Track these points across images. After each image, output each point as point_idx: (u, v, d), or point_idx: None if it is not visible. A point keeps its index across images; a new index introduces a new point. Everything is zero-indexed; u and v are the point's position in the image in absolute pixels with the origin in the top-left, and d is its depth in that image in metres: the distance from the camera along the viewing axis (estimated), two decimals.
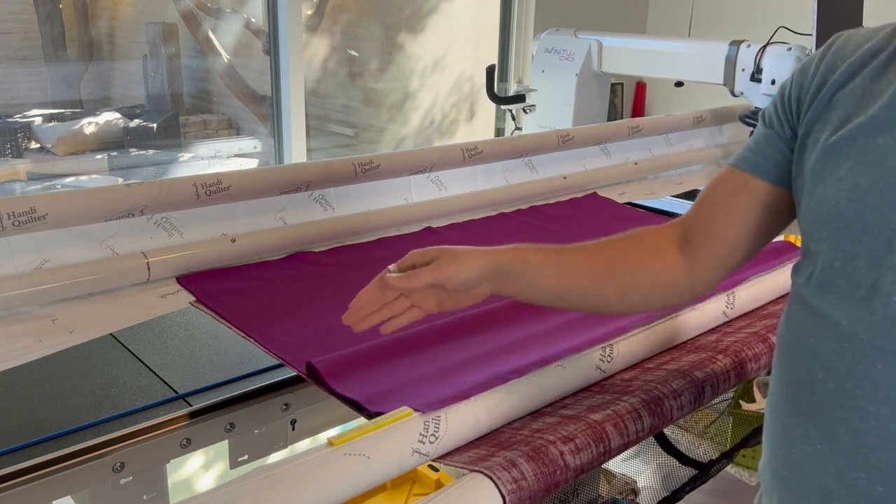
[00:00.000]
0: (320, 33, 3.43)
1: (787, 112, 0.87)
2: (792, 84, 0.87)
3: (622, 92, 3.95)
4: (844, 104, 0.80)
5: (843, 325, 0.74)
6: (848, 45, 0.84)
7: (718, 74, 2.17)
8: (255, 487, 0.73)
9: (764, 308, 1.29)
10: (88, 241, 1.15)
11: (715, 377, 1.04)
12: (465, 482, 0.77)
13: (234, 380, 1.23)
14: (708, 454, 1.81)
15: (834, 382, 0.75)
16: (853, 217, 0.75)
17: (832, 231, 0.77)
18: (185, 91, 3.27)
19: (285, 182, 1.34)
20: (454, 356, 1.04)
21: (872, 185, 0.74)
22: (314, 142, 3.30)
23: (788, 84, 0.88)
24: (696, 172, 2.17)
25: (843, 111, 0.80)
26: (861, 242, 0.74)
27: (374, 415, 0.88)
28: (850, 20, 2.01)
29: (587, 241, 0.93)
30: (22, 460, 1.00)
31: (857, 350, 0.73)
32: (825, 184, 0.79)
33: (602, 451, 0.88)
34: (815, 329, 0.78)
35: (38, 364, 1.04)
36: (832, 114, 0.81)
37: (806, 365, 0.79)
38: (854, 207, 0.75)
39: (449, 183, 1.63)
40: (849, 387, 0.74)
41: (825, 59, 0.85)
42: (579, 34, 2.52)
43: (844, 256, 0.76)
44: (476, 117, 3.82)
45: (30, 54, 2.85)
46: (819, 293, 0.78)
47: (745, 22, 3.52)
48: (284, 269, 1.31)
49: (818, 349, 0.77)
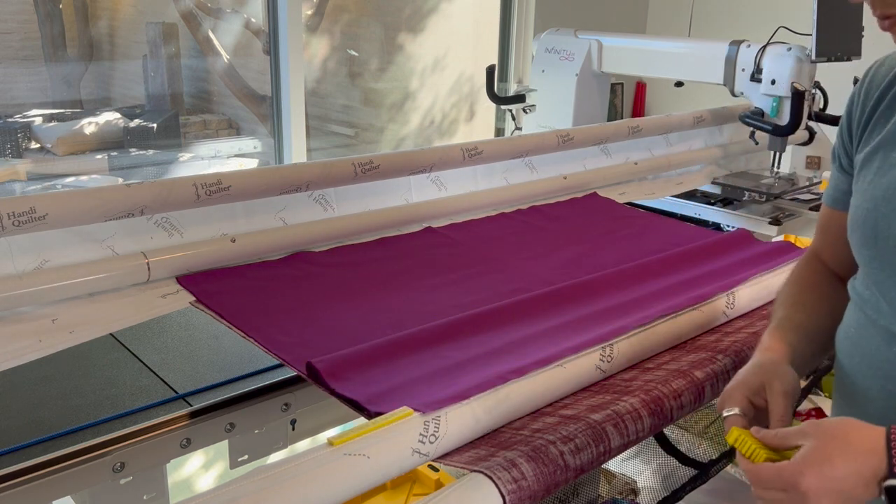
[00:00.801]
0: (320, 33, 3.43)
1: (844, 144, 0.98)
2: (843, 118, 0.97)
3: (622, 92, 3.95)
4: (877, 125, 0.90)
5: (873, 317, 0.88)
6: (880, 71, 0.93)
7: (718, 74, 2.17)
8: (255, 487, 0.73)
9: (764, 308, 1.29)
10: (88, 241, 1.15)
11: (715, 377, 1.04)
12: (465, 482, 0.77)
13: (234, 380, 1.23)
14: (708, 454, 1.81)
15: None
16: (870, 224, 0.86)
17: (858, 238, 0.89)
18: (185, 91, 3.27)
19: (285, 182, 1.34)
20: (454, 356, 1.03)
21: (884, 195, 0.84)
22: (314, 142, 3.30)
23: (843, 118, 0.98)
24: (696, 172, 2.17)
25: (877, 131, 0.90)
26: (876, 248, 0.85)
27: (374, 415, 0.88)
28: (850, 20, 2.01)
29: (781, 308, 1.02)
30: (22, 460, 1.00)
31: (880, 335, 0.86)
32: (855, 195, 0.90)
33: (602, 451, 0.88)
34: (860, 320, 0.91)
35: (38, 364, 1.04)
36: (871, 136, 0.91)
37: (846, 351, 0.93)
38: (871, 216, 0.86)
39: (449, 183, 1.63)
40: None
41: (863, 88, 0.94)
42: (579, 34, 2.52)
43: (869, 261, 0.87)
44: (476, 117, 3.82)
45: (30, 54, 2.85)
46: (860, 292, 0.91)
47: (745, 22, 3.52)
48: (284, 269, 1.31)
49: (855, 337, 0.91)
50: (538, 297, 1.23)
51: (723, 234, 1.67)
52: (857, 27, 2.01)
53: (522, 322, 1.15)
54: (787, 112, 2.00)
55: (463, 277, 1.35)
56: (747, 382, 0.89)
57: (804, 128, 2.21)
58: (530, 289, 1.29)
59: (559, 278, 1.35)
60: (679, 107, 3.42)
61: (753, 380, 0.89)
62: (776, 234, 1.99)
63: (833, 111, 2.13)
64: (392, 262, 1.38)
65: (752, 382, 0.88)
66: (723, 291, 1.24)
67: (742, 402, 0.87)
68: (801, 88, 1.94)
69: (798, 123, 1.98)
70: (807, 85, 1.98)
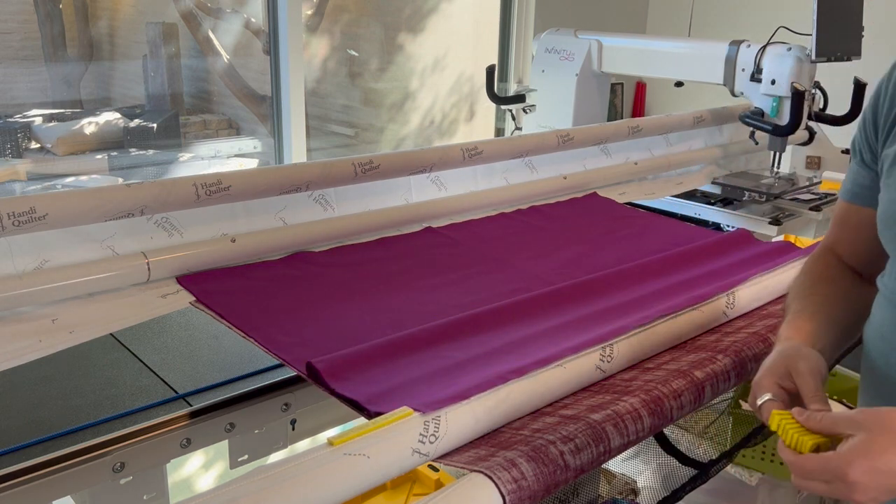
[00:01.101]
0: (320, 33, 3.43)
1: (868, 138, 0.97)
2: (867, 111, 0.97)
3: (622, 92, 3.95)
4: None
5: None
6: None
7: (718, 74, 2.17)
8: (255, 487, 0.73)
9: (764, 308, 1.29)
10: (88, 241, 1.15)
11: (715, 377, 1.04)
12: (465, 482, 0.77)
13: (234, 380, 1.23)
14: (708, 454, 1.80)
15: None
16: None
17: (891, 235, 0.88)
18: (185, 91, 3.27)
19: (285, 182, 1.34)
20: (454, 356, 1.03)
21: None
22: (314, 142, 3.30)
23: (867, 112, 0.97)
24: (696, 172, 2.17)
25: None
26: None
27: (374, 415, 0.88)
28: (850, 20, 2.01)
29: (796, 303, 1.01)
30: (22, 460, 1.00)
31: None
32: (887, 190, 0.89)
33: (602, 451, 0.88)
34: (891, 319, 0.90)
35: (38, 364, 1.04)
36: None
37: (880, 350, 0.92)
38: None
39: (449, 183, 1.63)
40: None
41: (892, 81, 0.93)
42: (579, 34, 2.52)
43: None
44: (476, 117, 3.82)
45: (30, 54, 2.85)
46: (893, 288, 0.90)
47: (745, 22, 3.52)
48: (284, 269, 1.31)
49: (891, 335, 0.90)
50: (538, 297, 1.23)
51: (723, 234, 1.67)
52: (857, 27, 2.01)
53: (522, 322, 1.15)
54: (787, 112, 2.00)
55: (463, 277, 1.35)
56: (773, 369, 0.87)
57: (804, 128, 2.21)
58: (530, 289, 1.29)
59: (559, 278, 1.35)
60: (679, 107, 3.42)
61: (778, 366, 0.87)
62: (776, 234, 1.99)
63: (833, 111, 2.13)
64: (392, 262, 1.38)
65: (778, 368, 0.86)
66: (723, 291, 1.24)
67: (772, 387, 0.85)
68: (801, 88, 1.94)
69: (798, 123, 1.98)
70: (807, 85, 1.98)
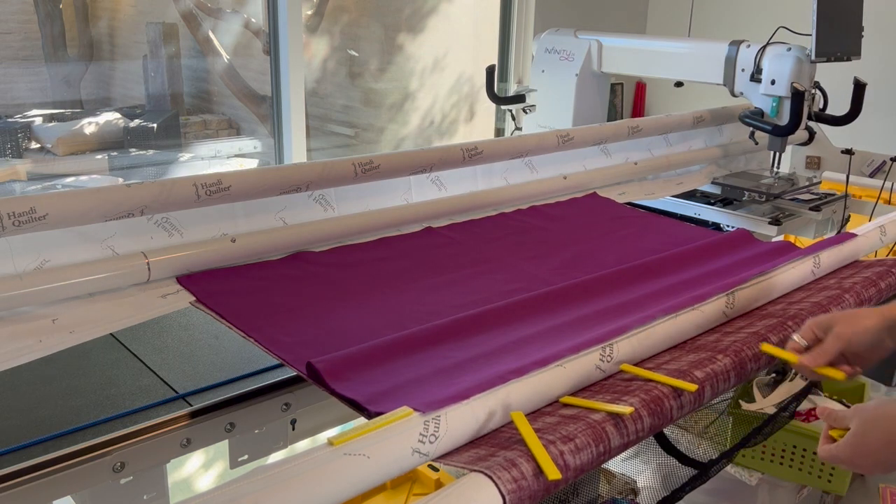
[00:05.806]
0: (320, 33, 3.43)
1: None
2: None
3: (622, 92, 3.95)
4: None
5: None
6: None
7: (718, 74, 2.17)
8: (255, 487, 0.73)
9: (764, 308, 1.29)
10: (88, 241, 1.15)
11: (715, 377, 1.04)
12: (465, 482, 0.77)
13: (234, 380, 1.23)
14: (708, 454, 1.80)
15: None
16: None
17: None
18: (185, 91, 3.27)
19: (285, 182, 1.34)
20: (454, 356, 1.03)
21: None
22: (314, 142, 3.30)
23: None
24: (695, 172, 2.17)
25: None
26: None
27: (374, 415, 0.88)
28: (850, 20, 2.01)
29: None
30: (22, 460, 1.00)
31: None
32: None
33: (602, 451, 0.88)
34: None
35: (38, 364, 1.04)
36: None
37: None
38: None
39: (449, 183, 1.63)
40: None
41: None
42: (579, 34, 2.52)
43: None
44: (476, 117, 3.82)
45: (30, 54, 2.85)
46: None
47: (745, 22, 3.52)
48: (285, 269, 1.31)
49: None
50: (538, 297, 1.23)
51: (723, 234, 1.67)
52: (856, 27, 2.01)
53: (522, 322, 1.15)
54: (786, 112, 2.00)
55: (463, 277, 1.35)
56: (819, 319, 1.00)
57: (804, 128, 2.21)
58: (530, 289, 1.29)
59: (559, 278, 1.35)
60: (679, 107, 3.42)
61: (826, 319, 0.99)
62: (776, 234, 1.99)
63: (833, 111, 2.13)
64: (392, 262, 1.38)
65: (824, 320, 0.99)
66: (723, 291, 1.24)
67: (808, 333, 1.00)
68: (801, 88, 1.94)
69: (798, 123, 1.98)
70: (807, 85, 1.98)
